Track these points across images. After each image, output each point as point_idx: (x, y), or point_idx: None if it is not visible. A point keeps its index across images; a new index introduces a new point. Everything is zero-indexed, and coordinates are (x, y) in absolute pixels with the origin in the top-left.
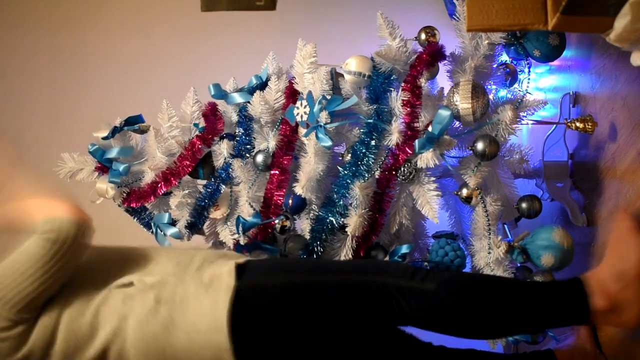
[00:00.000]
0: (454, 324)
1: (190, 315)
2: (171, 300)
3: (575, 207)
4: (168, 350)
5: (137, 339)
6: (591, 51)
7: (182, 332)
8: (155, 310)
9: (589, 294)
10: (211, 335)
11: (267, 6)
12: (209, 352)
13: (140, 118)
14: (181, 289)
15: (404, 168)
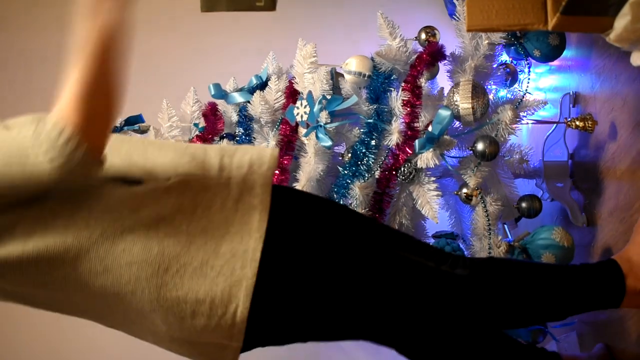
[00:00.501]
0: (488, 311)
1: (213, 233)
2: (192, 210)
3: (575, 207)
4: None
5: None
6: (591, 51)
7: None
8: (171, 220)
9: (625, 275)
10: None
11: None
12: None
13: (140, 118)
14: (204, 197)
15: (404, 168)
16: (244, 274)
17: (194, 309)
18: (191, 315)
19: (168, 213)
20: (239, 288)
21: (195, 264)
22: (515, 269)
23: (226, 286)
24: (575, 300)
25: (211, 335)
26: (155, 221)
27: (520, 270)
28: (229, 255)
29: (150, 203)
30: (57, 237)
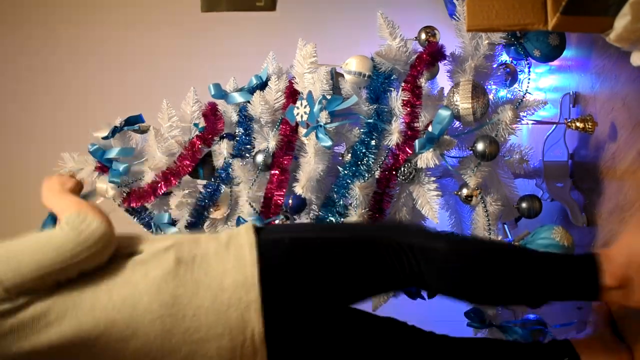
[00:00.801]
0: (461, 285)
1: (214, 273)
2: (191, 259)
3: (575, 207)
4: (189, 313)
5: (155, 304)
6: (591, 51)
7: (206, 291)
8: (175, 272)
9: (600, 270)
10: (239, 292)
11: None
12: (235, 311)
13: (140, 118)
14: (199, 249)
15: (404, 168)
16: (249, 299)
17: (218, 344)
18: (217, 353)
19: (172, 268)
20: (249, 312)
21: (207, 304)
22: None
23: (238, 314)
24: (544, 284)
25: None
26: (163, 277)
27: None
28: (233, 287)
29: (155, 264)
30: (87, 313)
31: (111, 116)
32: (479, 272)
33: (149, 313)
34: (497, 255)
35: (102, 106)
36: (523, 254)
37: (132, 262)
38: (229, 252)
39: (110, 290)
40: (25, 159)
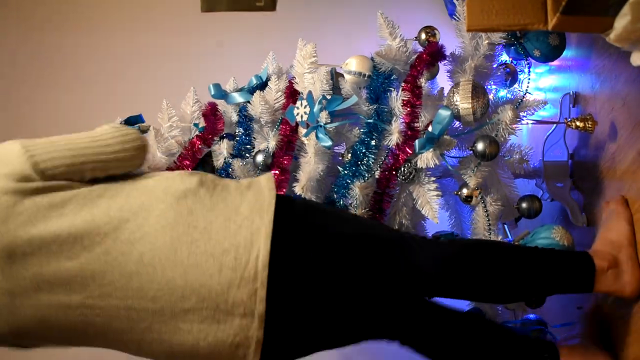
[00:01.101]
0: (467, 276)
1: (232, 201)
2: (212, 186)
3: (575, 207)
4: (201, 225)
5: (170, 211)
6: (591, 51)
7: (221, 211)
8: (196, 191)
9: (592, 257)
10: (252, 216)
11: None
12: (246, 230)
13: (140, 118)
14: (222, 181)
15: (404, 168)
16: (262, 222)
17: (221, 261)
18: (219, 270)
19: (194, 187)
20: (259, 234)
21: (219, 221)
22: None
23: (248, 234)
24: (544, 277)
25: (237, 295)
26: (183, 193)
27: (497, 243)
28: (248, 212)
29: (178, 181)
30: (102, 210)
31: (111, 116)
32: (481, 262)
33: (163, 219)
34: (497, 248)
35: (102, 106)
36: (519, 249)
37: (159, 177)
38: (248, 190)
39: (129, 194)
40: None
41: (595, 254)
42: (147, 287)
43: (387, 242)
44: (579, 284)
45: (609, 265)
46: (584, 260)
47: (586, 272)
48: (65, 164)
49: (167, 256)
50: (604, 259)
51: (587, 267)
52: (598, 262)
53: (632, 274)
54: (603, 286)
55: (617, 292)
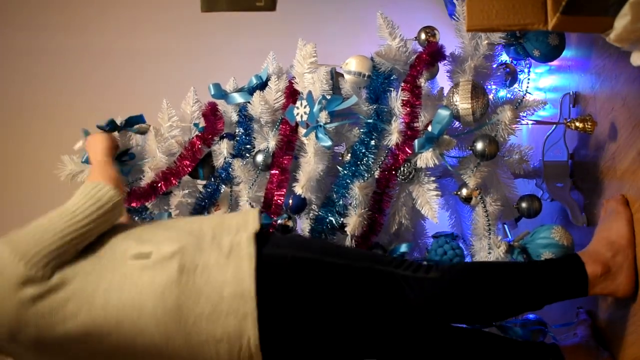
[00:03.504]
0: (460, 308)
1: (214, 283)
2: (193, 268)
3: (575, 207)
4: (190, 319)
5: (159, 309)
6: (591, 51)
7: (206, 299)
8: (178, 280)
9: (584, 262)
10: (237, 303)
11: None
12: (233, 319)
13: (141, 118)
14: (202, 258)
15: (403, 168)
16: (246, 310)
17: (217, 348)
18: (216, 354)
19: (175, 276)
20: (247, 322)
21: (207, 312)
22: (480, 266)
23: (236, 323)
24: (538, 291)
25: None
26: (167, 285)
27: (484, 265)
28: (231, 297)
29: (160, 271)
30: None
31: (111, 116)
32: (473, 289)
33: (153, 318)
34: (487, 270)
35: (103, 106)
36: (510, 265)
37: (141, 266)
38: (229, 263)
39: (121, 290)
40: (25, 161)
41: (590, 257)
42: None
43: (377, 288)
44: (573, 291)
45: (602, 270)
46: (577, 268)
47: (579, 280)
48: (54, 255)
49: (167, 345)
50: (597, 263)
51: (579, 275)
52: (591, 268)
53: (626, 275)
54: (597, 290)
55: (612, 293)
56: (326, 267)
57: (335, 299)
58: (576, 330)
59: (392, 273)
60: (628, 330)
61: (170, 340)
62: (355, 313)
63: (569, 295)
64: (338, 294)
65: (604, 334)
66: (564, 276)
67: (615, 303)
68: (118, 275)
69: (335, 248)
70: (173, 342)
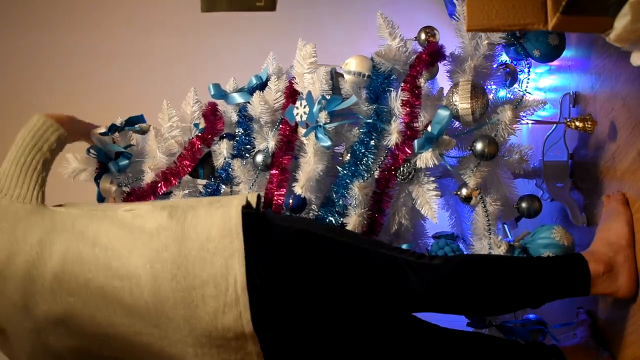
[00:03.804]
0: (461, 296)
1: (203, 226)
2: (183, 217)
3: (575, 207)
4: (177, 260)
5: (146, 249)
6: (591, 51)
7: (193, 241)
8: (168, 225)
9: (588, 261)
10: (224, 241)
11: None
12: (220, 258)
13: (141, 118)
14: (192, 211)
15: (403, 168)
16: (233, 247)
17: (203, 292)
18: (202, 301)
19: (165, 222)
20: (233, 259)
21: (193, 253)
22: (484, 256)
23: (222, 262)
24: (539, 285)
25: (225, 320)
26: (156, 229)
27: (488, 256)
28: (219, 236)
29: (150, 217)
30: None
31: (111, 116)
32: (476, 279)
33: (141, 257)
34: (491, 261)
35: (103, 106)
36: (514, 259)
37: (132, 214)
38: (218, 210)
39: (110, 230)
40: None
41: (592, 256)
42: (146, 317)
43: (379, 268)
44: (575, 289)
45: (604, 269)
46: (579, 266)
47: (581, 278)
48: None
49: (153, 293)
50: (599, 262)
51: (582, 273)
52: (593, 267)
53: (627, 275)
54: (599, 289)
55: (613, 293)
56: (328, 241)
57: (334, 273)
58: (576, 331)
59: (395, 257)
60: (628, 330)
61: (157, 284)
62: (352, 292)
63: (571, 293)
64: (337, 270)
65: (604, 334)
66: (567, 273)
67: (615, 303)
68: (108, 221)
69: (339, 229)
70: (159, 287)
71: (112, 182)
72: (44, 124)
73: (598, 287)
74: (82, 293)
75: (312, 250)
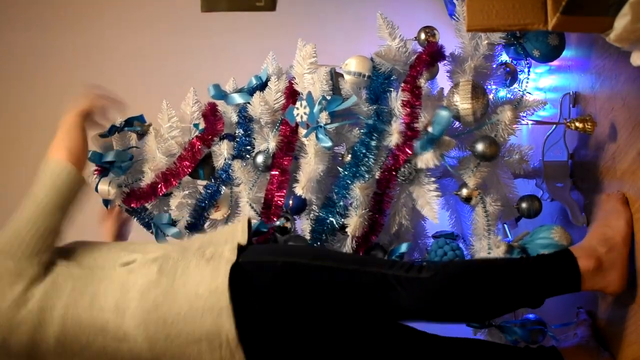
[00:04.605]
0: (452, 308)
1: (192, 283)
2: (173, 271)
3: (575, 207)
4: (169, 319)
5: (138, 310)
6: (591, 51)
7: (183, 299)
8: (158, 282)
9: (577, 257)
10: (212, 300)
11: (267, 7)
12: (209, 317)
13: (141, 118)
14: (183, 263)
15: (403, 168)
16: (221, 305)
17: (198, 349)
18: (198, 356)
19: (155, 277)
20: (222, 318)
21: (184, 312)
22: (472, 264)
23: (212, 320)
24: (530, 287)
25: None
26: (147, 286)
27: (476, 263)
28: (207, 294)
29: (142, 273)
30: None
31: (111, 116)
32: (465, 287)
33: (134, 319)
34: (479, 268)
35: None
36: (502, 262)
37: (127, 270)
38: (208, 266)
39: (107, 294)
40: (26, 160)
41: (583, 252)
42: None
43: (366, 289)
44: (565, 286)
45: (594, 265)
46: (568, 263)
47: (571, 275)
48: (36, 243)
49: (150, 348)
50: (589, 258)
51: (571, 270)
52: (583, 263)
53: (618, 273)
54: (589, 285)
55: (602, 289)
56: (312, 271)
57: (324, 301)
58: (576, 331)
59: (383, 274)
60: (628, 330)
61: (152, 344)
62: (343, 314)
63: (561, 290)
64: (326, 297)
65: (604, 334)
66: (556, 271)
67: (615, 303)
68: (107, 281)
69: (325, 252)
70: (155, 345)
71: (110, 183)
72: (69, 175)
73: (588, 283)
74: (85, 354)
75: (298, 286)
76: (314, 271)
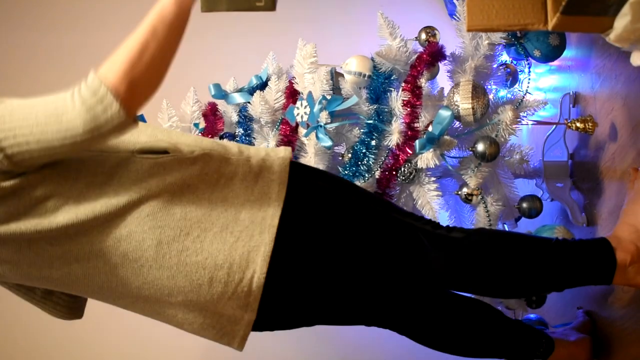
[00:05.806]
0: (481, 274)
1: (233, 201)
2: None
3: (575, 207)
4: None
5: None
6: (591, 51)
7: (219, 216)
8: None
9: (615, 248)
10: (253, 230)
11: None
12: (242, 247)
13: (141, 118)
14: (227, 169)
15: (404, 168)
16: (262, 240)
17: (212, 275)
18: (209, 282)
19: (193, 181)
20: (257, 253)
21: (215, 230)
22: (507, 234)
23: (245, 251)
24: (566, 269)
25: (227, 305)
26: (179, 188)
27: (511, 235)
28: (248, 221)
29: (176, 171)
30: (88, 207)
31: None
32: (499, 256)
33: (152, 219)
34: (515, 239)
35: None
36: (539, 241)
37: (154, 163)
38: (256, 183)
39: (120, 180)
40: None
41: (620, 244)
42: (131, 279)
43: (399, 238)
44: (597, 277)
45: (631, 259)
46: (606, 253)
47: (607, 266)
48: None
49: (154, 258)
50: (627, 252)
51: (608, 261)
52: (621, 256)
53: None
54: (622, 280)
55: (634, 285)
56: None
57: (358, 242)
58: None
59: (411, 225)
60: (628, 330)
61: (161, 253)
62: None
63: (594, 280)
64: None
65: (604, 334)
66: (593, 259)
67: (615, 303)
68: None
69: (369, 194)
70: (162, 256)
71: None
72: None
73: (622, 277)
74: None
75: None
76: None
